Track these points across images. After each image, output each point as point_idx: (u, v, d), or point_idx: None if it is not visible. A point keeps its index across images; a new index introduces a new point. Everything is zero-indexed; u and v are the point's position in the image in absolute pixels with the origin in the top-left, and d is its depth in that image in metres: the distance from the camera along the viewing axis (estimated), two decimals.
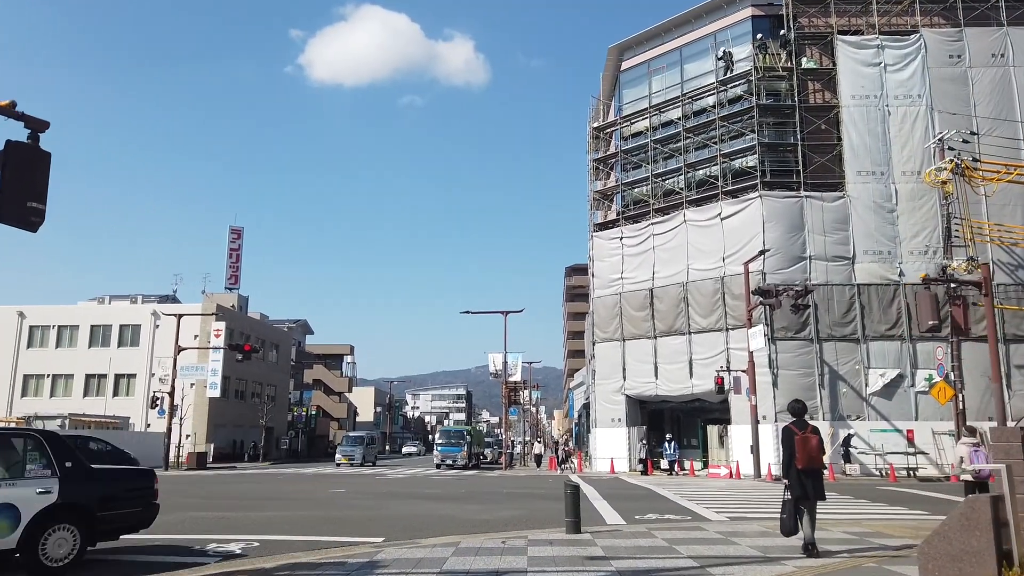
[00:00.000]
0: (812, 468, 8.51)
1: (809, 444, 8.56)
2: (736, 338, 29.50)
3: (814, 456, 8.56)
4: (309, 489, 19.29)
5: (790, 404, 9.24)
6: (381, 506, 14.43)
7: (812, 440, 8.59)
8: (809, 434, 8.67)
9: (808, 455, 8.52)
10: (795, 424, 8.85)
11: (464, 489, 19.54)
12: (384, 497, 16.52)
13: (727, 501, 16.12)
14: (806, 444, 8.53)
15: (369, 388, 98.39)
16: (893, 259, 29.29)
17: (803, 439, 8.58)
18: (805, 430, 8.73)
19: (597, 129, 37.98)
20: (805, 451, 8.51)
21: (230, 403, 52.11)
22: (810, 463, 8.54)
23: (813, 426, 8.94)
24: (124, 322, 51.34)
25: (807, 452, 8.51)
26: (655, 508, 14.21)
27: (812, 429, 8.84)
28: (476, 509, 13.85)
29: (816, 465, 8.60)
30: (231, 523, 11.51)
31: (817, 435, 8.73)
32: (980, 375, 27.70)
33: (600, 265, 35.36)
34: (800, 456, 8.51)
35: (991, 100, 29.90)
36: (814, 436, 8.66)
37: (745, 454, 27.51)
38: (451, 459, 35.91)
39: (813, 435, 8.67)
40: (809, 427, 8.86)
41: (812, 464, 8.55)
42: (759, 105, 30.94)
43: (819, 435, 8.77)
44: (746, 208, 30.32)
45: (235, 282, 68.38)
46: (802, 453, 8.51)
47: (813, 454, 8.55)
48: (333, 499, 15.97)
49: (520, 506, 14.56)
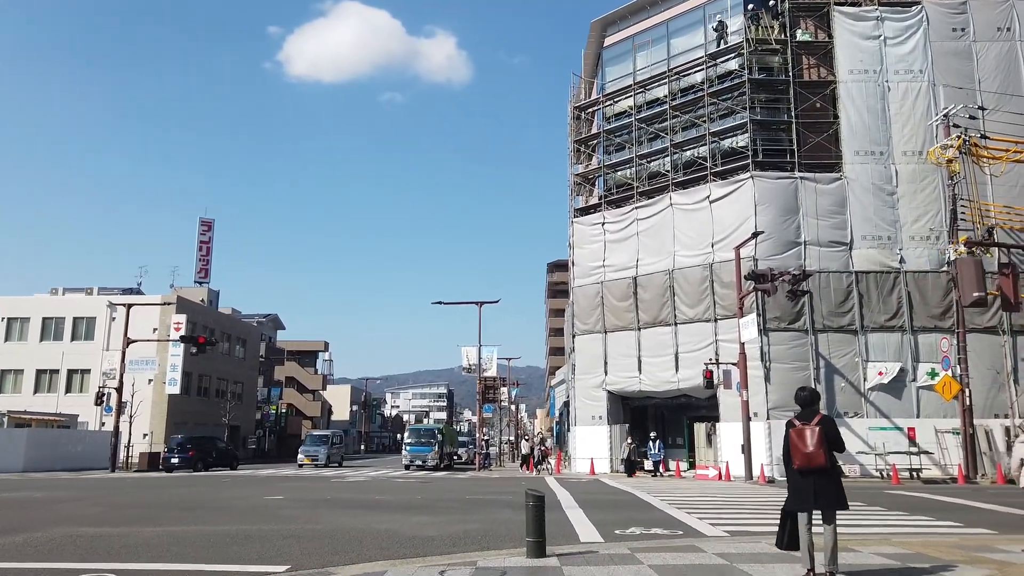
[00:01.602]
0: (811, 468, 6.60)
1: (803, 437, 6.65)
2: (725, 329, 27.43)
3: (810, 452, 6.60)
4: (245, 495, 16.90)
5: (797, 392, 7.16)
6: (313, 517, 12.09)
7: (806, 432, 6.66)
8: (808, 425, 6.72)
9: (803, 451, 6.62)
10: (799, 416, 6.92)
11: (423, 495, 17.24)
12: (324, 505, 14.17)
13: (721, 509, 13.95)
14: (800, 438, 6.66)
15: (345, 386, 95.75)
16: (893, 245, 27.34)
17: (799, 432, 6.71)
18: (810, 422, 6.75)
19: (578, 108, 35.76)
20: (799, 446, 6.65)
21: (192, 400, 49.43)
22: (807, 461, 6.61)
23: (825, 416, 6.86)
24: (78, 314, 48.47)
25: (802, 447, 6.63)
26: (639, 519, 12.00)
27: (819, 420, 6.76)
28: (424, 522, 11.56)
29: (815, 463, 6.60)
30: (104, 543, 9.14)
31: (820, 427, 6.68)
32: (987, 368, 25.84)
33: (580, 252, 33.17)
34: (794, 452, 6.68)
35: (996, 76, 28.05)
36: (812, 428, 6.68)
37: (735, 454, 25.43)
38: (421, 460, 33.55)
39: (812, 427, 6.69)
40: (817, 417, 6.79)
41: (810, 463, 6.61)
42: (751, 80, 28.86)
43: (827, 427, 6.70)
44: (736, 190, 28.24)
45: (205, 276, 65.58)
46: (796, 449, 6.67)
47: (808, 449, 6.60)
48: (262, 508, 13.61)
49: (480, 517, 12.29)
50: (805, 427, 6.71)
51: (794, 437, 6.71)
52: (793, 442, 6.70)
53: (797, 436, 6.69)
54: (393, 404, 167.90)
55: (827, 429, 6.72)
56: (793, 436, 6.72)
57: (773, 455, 25.52)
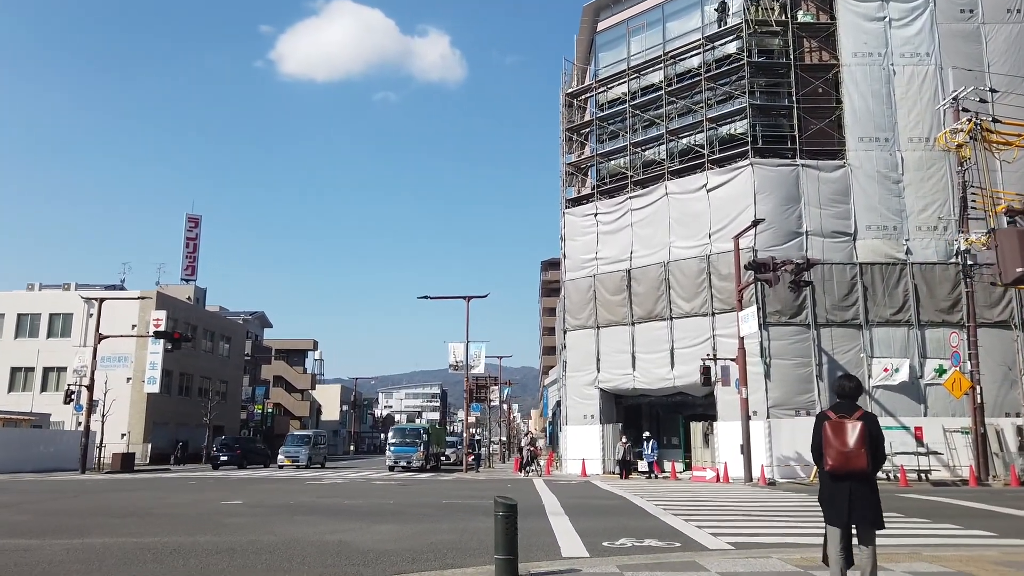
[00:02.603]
0: (848, 471, 5.32)
1: (842, 432, 5.36)
2: (723, 323, 26.14)
3: (849, 452, 5.31)
4: (202, 499, 15.50)
5: (840, 381, 5.85)
6: (263, 526, 10.72)
7: (846, 427, 5.36)
8: (848, 419, 5.41)
9: (839, 450, 5.34)
10: (835, 407, 5.62)
11: (397, 499, 15.86)
12: (283, 512, 12.78)
13: (722, 515, 12.62)
14: (838, 433, 5.36)
15: (335, 385, 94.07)
16: (899, 235, 26.08)
17: (836, 426, 5.38)
18: (850, 415, 5.44)
19: (570, 96, 34.39)
20: (835, 443, 5.35)
21: (173, 399, 47.85)
22: (843, 462, 5.33)
23: (865, 412, 5.54)
24: (54, 311, 46.85)
25: (838, 444, 5.34)
26: (631, 528, 10.66)
27: (861, 415, 5.45)
28: (387, 532, 10.19)
29: (854, 466, 5.32)
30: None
31: (864, 423, 5.38)
32: (997, 364, 24.58)
33: (572, 245, 31.83)
34: (827, 450, 5.39)
35: (1007, 59, 26.82)
36: (853, 423, 5.37)
37: (734, 455, 24.11)
38: (405, 460, 32.12)
39: (853, 421, 5.38)
40: (857, 412, 5.48)
41: (847, 464, 5.32)
42: (750, 63, 27.56)
43: (871, 425, 5.41)
44: (735, 178, 26.94)
45: (192, 273, 64.05)
46: (830, 446, 5.37)
47: (848, 448, 5.32)
48: (212, 515, 12.21)
49: (452, 525, 10.93)
50: (845, 421, 5.41)
51: (829, 431, 5.40)
52: (827, 437, 5.39)
53: (834, 431, 5.38)
54: (386, 404, 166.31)
55: (871, 427, 5.40)
56: (828, 430, 5.40)
57: (773, 455, 24.25)
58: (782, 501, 15.77)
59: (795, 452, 24.48)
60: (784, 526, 10.91)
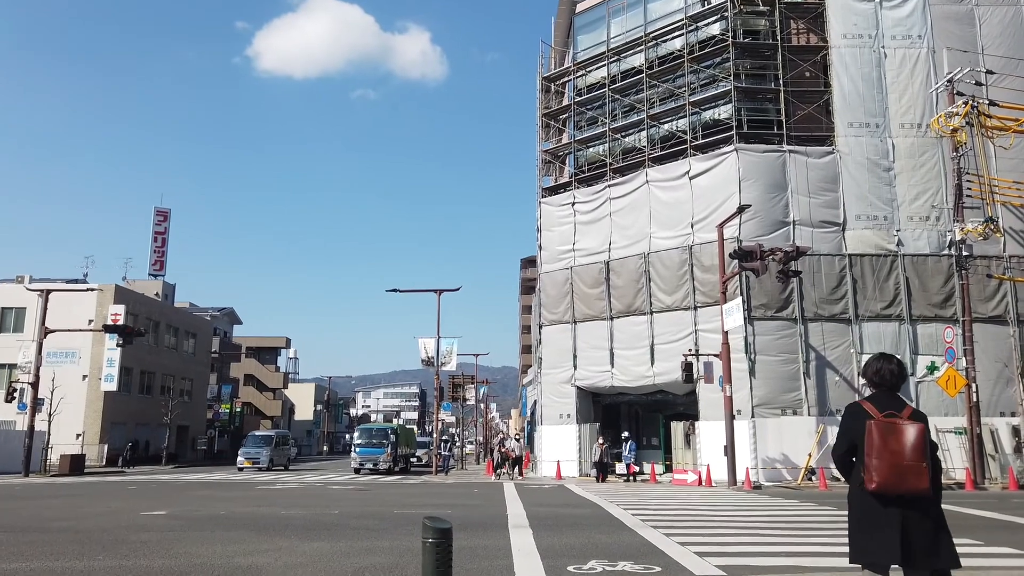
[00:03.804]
0: (902, 492, 3.72)
1: (899, 437, 3.72)
2: (706, 318, 24.75)
3: (909, 466, 3.69)
4: (123, 508, 13.74)
5: (876, 363, 4.16)
6: (169, 545, 9.04)
7: (901, 430, 3.74)
8: (901, 419, 3.80)
9: (892, 463, 3.70)
10: (876, 401, 3.97)
11: (344, 508, 14.20)
12: (206, 525, 11.10)
13: (708, 527, 11.13)
14: (890, 438, 3.72)
15: (309, 384, 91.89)
16: (890, 225, 24.85)
17: (886, 427, 3.75)
18: (901, 413, 3.84)
19: (547, 79, 32.84)
20: (891, 453, 3.70)
21: (133, 398, 45.72)
22: (897, 480, 3.70)
23: (915, 410, 3.96)
24: (6, 305, 44.51)
25: (895, 455, 3.69)
26: (604, 545, 9.13)
27: (912, 413, 3.87)
28: (313, 552, 8.57)
29: (912, 486, 3.70)
30: None
31: (921, 423, 3.79)
32: (992, 361, 23.41)
33: (549, 236, 30.31)
34: (879, 463, 3.71)
35: (1001, 43, 25.70)
36: (910, 424, 3.76)
37: (717, 456, 22.69)
38: (372, 462, 30.38)
39: (909, 422, 3.77)
40: (908, 410, 3.88)
41: (903, 482, 3.69)
42: (735, 44, 26.20)
43: (924, 425, 3.82)
44: (719, 164, 25.57)
45: (160, 268, 61.85)
46: (884, 457, 3.70)
47: (903, 460, 3.69)
48: (119, 529, 10.52)
49: (395, 543, 9.32)
50: (897, 421, 3.80)
51: (876, 435, 3.76)
52: (873, 443, 3.76)
53: (883, 434, 3.76)
54: (364, 404, 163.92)
55: (924, 428, 3.86)
56: (875, 433, 3.77)
57: (759, 457, 22.90)
58: (772, 509, 14.35)
59: (781, 454, 23.16)
60: (780, 542, 9.45)
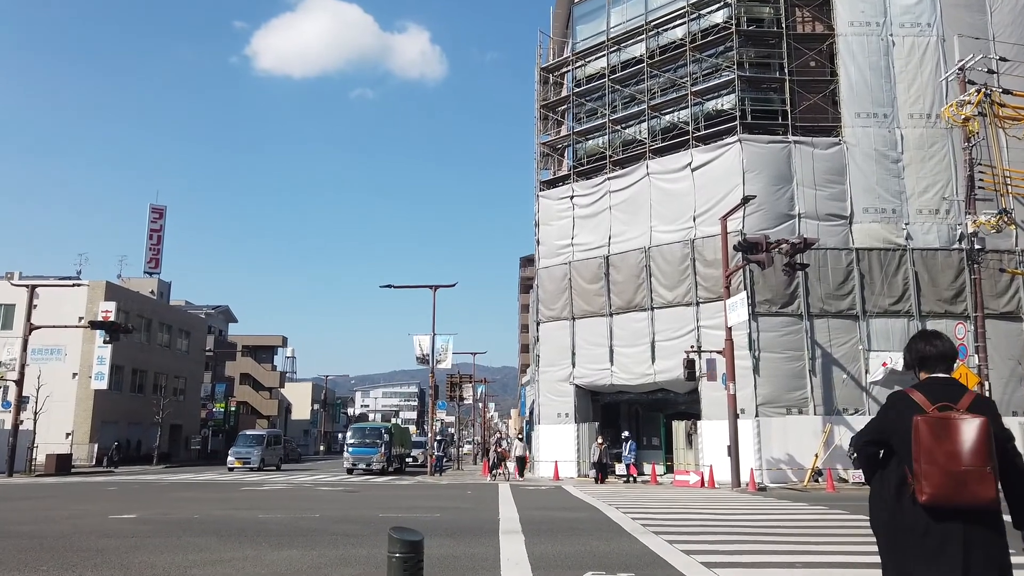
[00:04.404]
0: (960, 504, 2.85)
1: (952, 437, 2.84)
2: (708, 314, 23.99)
3: (966, 472, 2.81)
4: (91, 512, 12.97)
5: (918, 342, 3.31)
6: (126, 554, 8.28)
7: (956, 427, 2.85)
8: (956, 412, 2.91)
9: (947, 468, 2.81)
10: (925, 388, 3.08)
11: (326, 512, 13.42)
12: (172, 532, 10.33)
13: (713, 533, 10.37)
14: (944, 437, 2.85)
15: (306, 384, 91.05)
16: (898, 219, 24.08)
17: (938, 424, 2.87)
18: (957, 403, 2.95)
19: (546, 70, 32.06)
20: (946, 456, 2.83)
21: (124, 397, 44.92)
22: (955, 489, 2.82)
23: (979, 396, 3.12)
24: None
25: (951, 459, 2.83)
26: (601, 555, 8.37)
27: (975, 400, 2.98)
28: (279, 564, 7.81)
29: (974, 496, 2.81)
30: None
31: (984, 416, 2.87)
32: (1004, 359, 22.63)
33: (547, 230, 29.55)
34: (931, 469, 2.84)
35: (1013, 31, 24.96)
36: (968, 419, 2.86)
37: (720, 456, 21.93)
38: (365, 462, 29.60)
39: (967, 416, 2.88)
40: (967, 396, 3.00)
41: (961, 493, 2.82)
42: (739, 32, 25.43)
43: (995, 418, 2.92)
44: (722, 155, 24.80)
45: (155, 266, 61.03)
46: (937, 461, 2.83)
47: (961, 464, 2.82)
48: (78, 536, 9.76)
49: (372, 552, 8.53)
50: (953, 416, 2.92)
51: (926, 434, 2.90)
52: (923, 444, 2.89)
53: (935, 432, 2.89)
54: (363, 403, 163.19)
55: (995, 422, 3.05)
56: (924, 432, 2.90)
57: (763, 458, 22.13)
58: (781, 512, 13.59)
59: (786, 454, 22.40)
60: (795, 550, 8.68)
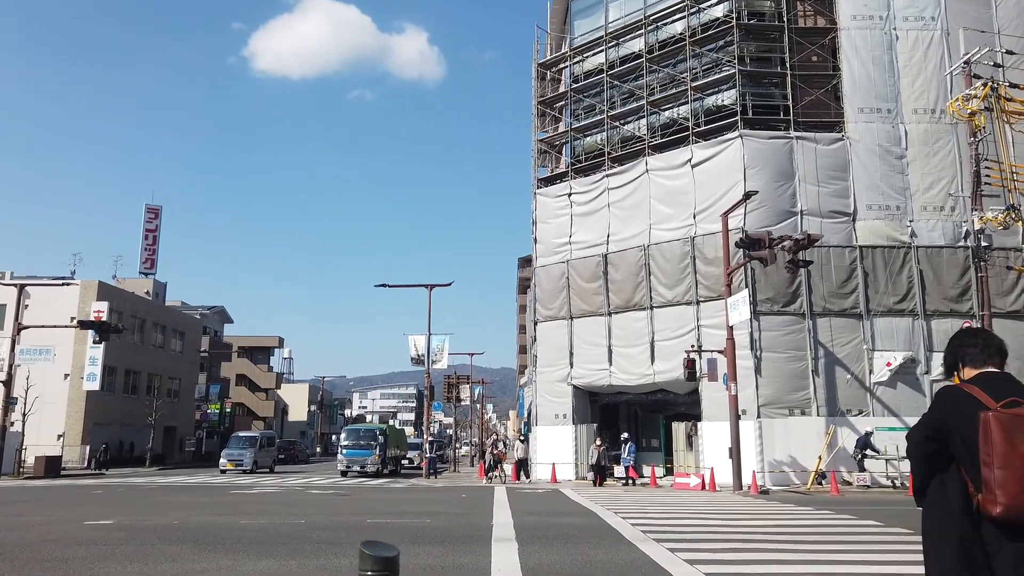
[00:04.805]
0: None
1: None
2: (709, 313, 23.51)
3: None
4: (66, 518, 12.45)
5: (960, 338, 2.94)
6: (92, 565, 7.80)
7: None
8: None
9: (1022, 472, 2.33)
10: (982, 382, 2.66)
11: (311, 518, 12.90)
12: (146, 539, 9.81)
13: (717, 541, 9.87)
14: (1020, 438, 2.37)
15: (303, 385, 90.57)
16: (903, 216, 23.61)
17: (1015, 423, 2.40)
18: (1020, 399, 2.48)
19: (543, 66, 31.59)
20: (1016, 458, 2.35)
21: (117, 398, 44.37)
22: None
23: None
24: None
25: (1018, 460, 2.35)
26: (598, 563, 7.86)
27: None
28: (252, 574, 7.27)
29: None
30: None
31: None
32: (1014, 358, 21.97)
33: (544, 228, 29.05)
34: (1007, 475, 2.35)
35: (1019, 24, 24.51)
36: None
37: (721, 458, 21.43)
38: (359, 465, 29.07)
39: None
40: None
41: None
42: (740, 26, 24.97)
43: None
44: (723, 151, 24.32)
45: (151, 266, 60.51)
46: (1014, 465, 2.35)
47: None
48: (44, 545, 9.25)
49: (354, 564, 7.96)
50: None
51: (999, 432, 2.43)
52: (996, 445, 2.42)
53: (1011, 432, 2.42)
54: (361, 405, 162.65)
55: None
56: (997, 429, 2.43)
57: (765, 460, 21.64)
58: (786, 517, 13.10)
59: (789, 456, 21.91)
60: (803, 559, 8.18)
